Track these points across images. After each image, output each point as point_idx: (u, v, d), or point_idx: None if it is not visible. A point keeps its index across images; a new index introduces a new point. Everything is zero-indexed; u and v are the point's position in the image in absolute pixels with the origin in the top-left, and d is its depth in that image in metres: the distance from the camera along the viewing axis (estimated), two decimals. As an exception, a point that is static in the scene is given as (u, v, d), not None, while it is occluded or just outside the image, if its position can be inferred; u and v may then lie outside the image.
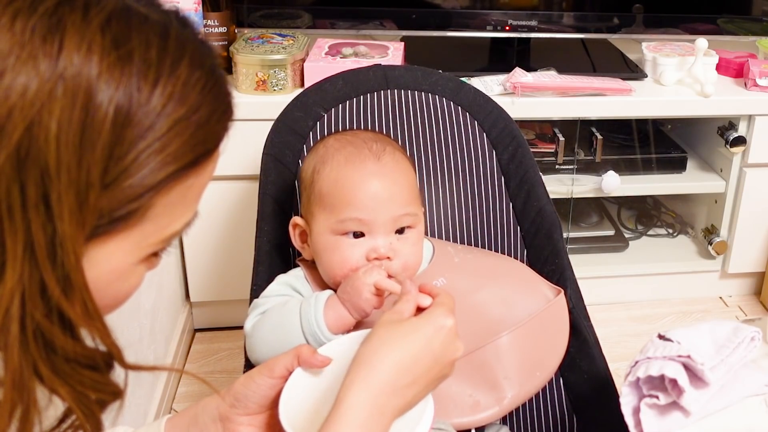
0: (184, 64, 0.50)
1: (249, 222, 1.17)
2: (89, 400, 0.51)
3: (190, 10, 1.48)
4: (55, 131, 0.45)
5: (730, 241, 1.88)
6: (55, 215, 0.46)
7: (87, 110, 0.45)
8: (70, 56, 0.45)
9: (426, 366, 0.69)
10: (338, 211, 0.90)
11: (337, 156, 0.93)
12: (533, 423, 1.08)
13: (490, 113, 1.19)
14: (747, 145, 1.76)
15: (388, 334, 0.69)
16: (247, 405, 0.74)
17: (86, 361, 0.50)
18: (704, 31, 1.89)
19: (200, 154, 0.51)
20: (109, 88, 0.46)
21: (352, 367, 0.68)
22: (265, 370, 0.74)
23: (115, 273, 0.52)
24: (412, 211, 0.92)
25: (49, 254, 0.46)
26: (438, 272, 0.98)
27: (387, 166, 0.92)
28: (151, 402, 1.43)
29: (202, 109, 0.51)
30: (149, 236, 0.52)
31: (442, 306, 0.73)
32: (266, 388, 0.74)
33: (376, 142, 0.95)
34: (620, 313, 1.89)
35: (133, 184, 0.48)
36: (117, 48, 0.47)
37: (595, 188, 1.79)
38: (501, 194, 1.17)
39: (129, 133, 0.47)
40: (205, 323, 1.79)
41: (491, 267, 1.04)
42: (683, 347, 0.84)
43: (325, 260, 0.92)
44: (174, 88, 0.49)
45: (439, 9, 1.84)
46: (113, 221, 0.49)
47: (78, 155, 0.45)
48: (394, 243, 0.90)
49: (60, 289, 0.47)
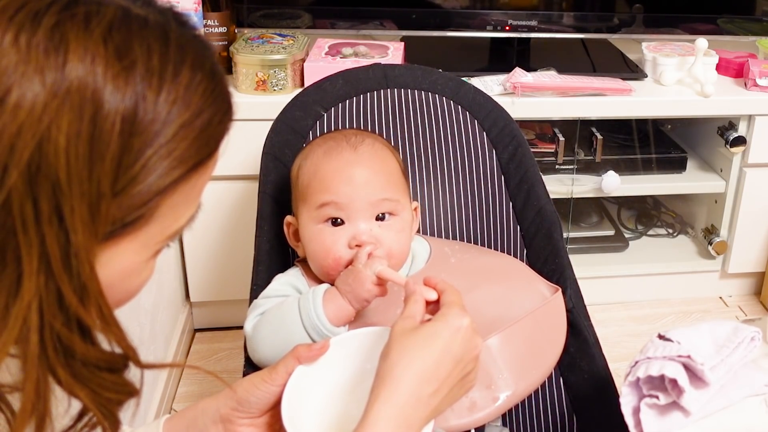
0: (185, 68, 0.50)
1: (249, 222, 1.17)
2: (107, 401, 0.52)
3: (190, 10, 1.48)
4: (64, 145, 0.45)
5: (730, 241, 1.88)
6: (68, 227, 0.46)
7: (95, 122, 0.46)
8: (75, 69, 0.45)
9: (447, 370, 0.69)
10: (317, 197, 0.92)
11: (316, 150, 0.96)
12: (533, 423, 1.08)
13: (490, 112, 1.19)
14: (747, 145, 1.76)
15: (406, 344, 0.69)
16: (251, 410, 0.75)
17: (104, 364, 0.51)
18: (704, 31, 1.89)
19: (204, 155, 0.52)
20: (115, 99, 0.46)
21: (375, 383, 0.68)
22: (268, 378, 0.75)
23: (126, 272, 0.53)
24: (391, 196, 0.93)
25: (65, 265, 0.47)
26: (435, 272, 0.98)
27: (364, 155, 0.94)
28: (151, 402, 1.43)
29: (205, 112, 0.51)
30: (156, 235, 0.52)
31: (454, 305, 0.73)
32: (269, 395, 0.75)
33: (356, 135, 0.97)
34: (620, 313, 1.89)
35: (141, 190, 0.48)
36: (120, 58, 0.47)
37: (595, 188, 1.79)
38: (501, 194, 1.17)
39: (136, 142, 0.47)
40: (205, 323, 1.79)
41: (488, 266, 1.04)
42: (683, 347, 0.84)
43: (310, 251, 0.94)
44: (177, 93, 0.49)
45: (439, 9, 1.84)
46: (123, 226, 0.49)
47: (88, 167, 0.46)
48: (375, 230, 0.91)
49: (77, 299, 0.48)
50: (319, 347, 0.75)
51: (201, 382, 1.63)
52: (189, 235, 1.65)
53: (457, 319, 0.71)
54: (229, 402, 0.74)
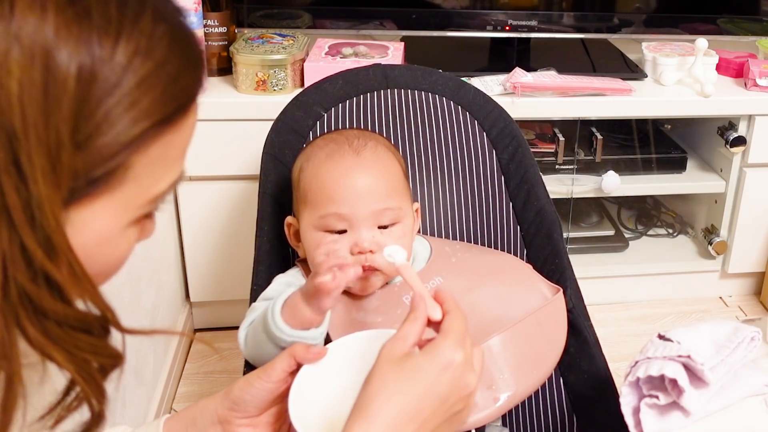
0: (146, 18, 0.49)
1: (249, 222, 1.17)
2: (89, 366, 0.51)
3: (190, 10, 1.48)
4: (17, 92, 0.44)
5: (730, 241, 1.88)
6: (28, 177, 0.45)
7: (48, 69, 0.45)
8: (23, 16, 0.44)
9: (431, 410, 0.64)
10: (319, 206, 0.91)
11: (319, 153, 0.95)
12: (533, 423, 1.08)
13: (490, 113, 1.19)
14: (747, 145, 1.76)
15: (388, 376, 0.65)
16: (247, 409, 0.73)
17: (79, 324, 0.50)
18: (704, 31, 1.89)
19: (174, 109, 0.51)
20: (68, 46, 0.45)
21: (352, 412, 0.64)
22: (263, 374, 0.73)
23: (103, 237, 0.51)
24: (393, 205, 0.92)
25: (27, 217, 0.46)
26: (435, 272, 0.99)
27: (367, 160, 0.93)
28: (151, 402, 1.43)
29: (170, 63, 0.50)
30: (134, 198, 0.51)
31: (450, 335, 0.67)
32: (265, 392, 0.73)
33: (358, 137, 0.96)
34: (620, 313, 1.89)
35: (107, 142, 0.47)
36: (73, 4, 0.46)
37: (595, 188, 1.79)
38: (501, 194, 1.17)
39: (95, 90, 0.46)
40: (205, 323, 1.79)
41: (489, 266, 1.04)
42: (683, 347, 0.84)
43: (311, 257, 0.93)
44: (138, 42, 0.48)
45: (439, 9, 1.84)
46: (92, 182, 0.48)
47: (44, 115, 0.45)
48: (377, 236, 0.91)
49: (43, 252, 0.47)
50: (317, 351, 0.73)
51: (201, 382, 1.63)
52: (189, 235, 1.66)
53: (449, 353, 0.66)
54: (226, 402, 0.74)
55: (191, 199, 1.62)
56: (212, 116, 1.51)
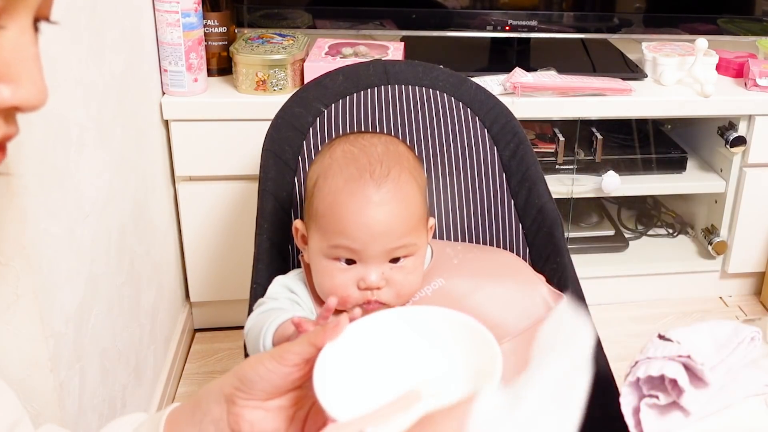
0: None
1: (249, 222, 1.16)
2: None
3: (190, 10, 1.48)
4: None
5: (730, 241, 1.88)
6: None
7: None
8: None
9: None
10: (331, 236, 0.88)
11: (337, 175, 0.89)
12: (533, 423, 1.08)
13: (492, 109, 1.19)
14: (747, 145, 1.76)
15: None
16: (253, 390, 0.68)
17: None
18: (704, 31, 1.89)
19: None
20: None
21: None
22: (278, 356, 0.68)
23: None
24: (409, 242, 0.89)
25: None
26: (436, 274, 0.98)
27: (388, 195, 0.87)
28: (151, 402, 1.43)
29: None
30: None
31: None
32: (276, 376, 0.68)
33: (381, 163, 0.89)
34: (620, 313, 1.89)
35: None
36: None
37: (595, 188, 1.79)
38: (502, 191, 1.16)
39: None
40: (205, 323, 1.79)
41: (491, 267, 1.03)
42: (683, 347, 0.84)
43: (317, 281, 0.92)
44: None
45: (439, 9, 1.84)
46: None
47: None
48: (386, 272, 0.89)
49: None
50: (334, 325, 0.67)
51: (201, 382, 1.63)
52: (189, 235, 1.65)
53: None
54: (233, 380, 0.69)
55: (191, 199, 1.62)
56: (212, 116, 1.51)
